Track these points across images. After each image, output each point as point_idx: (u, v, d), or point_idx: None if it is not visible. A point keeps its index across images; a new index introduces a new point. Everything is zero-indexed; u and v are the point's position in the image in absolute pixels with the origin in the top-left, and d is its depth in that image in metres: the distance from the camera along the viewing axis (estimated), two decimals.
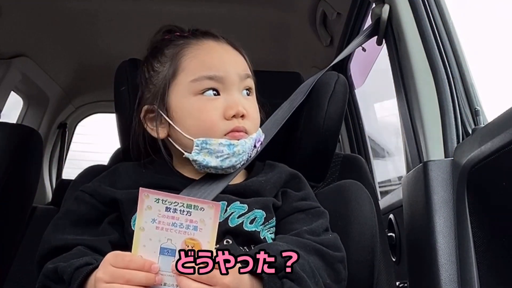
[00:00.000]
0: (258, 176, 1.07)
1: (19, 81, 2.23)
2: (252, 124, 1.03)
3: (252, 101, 1.07)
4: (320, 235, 0.98)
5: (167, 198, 0.77)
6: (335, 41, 2.03)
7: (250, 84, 1.07)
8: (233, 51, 1.09)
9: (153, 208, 0.77)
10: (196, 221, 0.77)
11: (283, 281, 0.83)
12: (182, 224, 0.77)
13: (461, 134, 1.06)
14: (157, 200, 0.77)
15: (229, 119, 1.00)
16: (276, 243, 0.91)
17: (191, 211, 0.77)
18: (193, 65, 1.03)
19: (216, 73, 1.01)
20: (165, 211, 0.77)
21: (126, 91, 1.19)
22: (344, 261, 0.98)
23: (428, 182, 1.01)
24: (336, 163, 1.39)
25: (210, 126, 0.99)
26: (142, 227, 0.77)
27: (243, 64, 1.08)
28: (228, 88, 1.02)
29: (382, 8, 1.25)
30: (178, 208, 0.77)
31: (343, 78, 1.25)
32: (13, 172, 1.52)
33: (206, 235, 0.78)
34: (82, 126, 3.00)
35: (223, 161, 0.98)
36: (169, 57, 1.06)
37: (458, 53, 1.15)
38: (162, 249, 0.78)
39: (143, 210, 0.77)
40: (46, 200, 2.61)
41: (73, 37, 2.21)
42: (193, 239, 0.77)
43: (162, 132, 1.04)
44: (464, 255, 0.95)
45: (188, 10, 1.97)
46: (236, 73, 1.03)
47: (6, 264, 1.59)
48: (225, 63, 1.04)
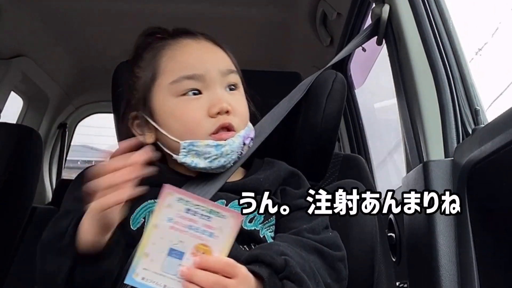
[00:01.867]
0: (256, 173, 1.06)
1: (19, 81, 2.23)
2: (239, 119, 1.01)
3: (238, 96, 1.05)
4: (320, 233, 0.98)
5: (190, 199, 0.75)
6: (335, 41, 2.03)
7: (235, 80, 1.05)
8: (213, 47, 1.07)
9: (173, 207, 0.75)
10: (214, 228, 0.76)
11: (284, 282, 0.83)
12: (198, 228, 0.76)
13: (461, 134, 1.06)
14: (179, 199, 0.75)
15: (214, 117, 0.98)
16: (277, 243, 0.91)
17: (211, 216, 0.76)
18: (171, 67, 1.01)
19: (195, 72, 0.99)
20: (184, 212, 0.75)
21: (123, 92, 1.19)
22: (344, 260, 0.98)
23: (428, 182, 1.01)
24: (336, 163, 1.39)
25: (195, 126, 0.97)
26: (157, 224, 0.76)
27: (224, 59, 1.06)
28: (210, 86, 1.00)
29: (382, 8, 1.25)
30: (199, 211, 0.76)
31: (341, 76, 1.25)
32: (13, 172, 1.52)
33: (220, 243, 0.76)
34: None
35: (212, 162, 0.97)
36: (148, 61, 1.05)
37: (458, 53, 1.15)
38: (170, 251, 0.76)
39: (163, 207, 0.75)
40: (46, 200, 2.62)
41: (73, 37, 2.21)
42: (205, 245, 0.76)
43: (150, 137, 1.03)
44: (464, 255, 0.95)
45: (188, 11, 1.97)
46: (217, 69, 1.01)
47: (6, 264, 1.59)
48: (204, 60, 1.02)
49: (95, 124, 3.50)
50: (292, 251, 0.88)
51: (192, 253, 0.76)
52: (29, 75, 2.25)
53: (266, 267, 0.83)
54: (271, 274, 0.83)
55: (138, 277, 0.77)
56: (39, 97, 2.47)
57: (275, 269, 0.83)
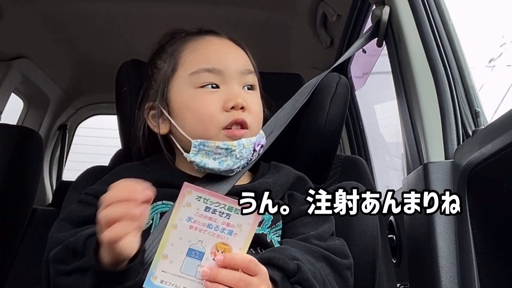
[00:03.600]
0: (264, 177, 1.06)
1: (19, 83, 2.23)
2: (253, 118, 1.01)
3: (255, 96, 1.05)
4: (327, 240, 0.98)
5: (209, 197, 0.74)
6: (335, 43, 2.03)
7: (252, 81, 1.06)
8: (234, 46, 1.09)
9: (192, 205, 0.74)
10: (233, 225, 0.75)
11: (295, 286, 0.83)
12: (218, 226, 0.74)
13: (462, 136, 1.06)
14: (198, 198, 0.74)
15: (229, 111, 0.98)
16: (288, 248, 0.90)
17: (230, 214, 0.74)
18: (192, 59, 1.03)
19: (215, 66, 1.01)
20: (204, 210, 0.74)
21: (127, 92, 1.19)
22: (351, 268, 0.97)
23: (429, 183, 1.01)
24: (336, 165, 1.39)
25: (208, 119, 0.98)
26: (176, 224, 0.74)
27: (244, 59, 1.07)
28: (228, 81, 1.01)
29: (382, 10, 1.25)
30: (218, 209, 0.75)
31: (344, 79, 1.25)
32: (13, 174, 1.52)
33: (239, 241, 0.75)
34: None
35: (221, 164, 0.97)
36: (169, 53, 1.07)
37: (458, 55, 1.15)
38: (190, 251, 0.75)
39: (181, 206, 0.74)
40: (46, 201, 2.61)
41: (73, 39, 2.21)
42: (225, 243, 0.75)
43: (164, 128, 1.04)
44: (464, 256, 0.95)
45: (187, 12, 1.97)
46: (236, 67, 1.03)
47: (6, 265, 1.59)
48: (224, 56, 1.04)
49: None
50: (303, 257, 0.88)
51: (211, 253, 0.75)
52: (30, 76, 2.25)
53: (279, 271, 0.83)
54: (283, 278, 0.83)
55: (157, 280, 0.75)
56: (40, 99, 2.47)
57: (287, 274, 0.83)
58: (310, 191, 0.90)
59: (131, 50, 1.47)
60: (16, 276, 1.58)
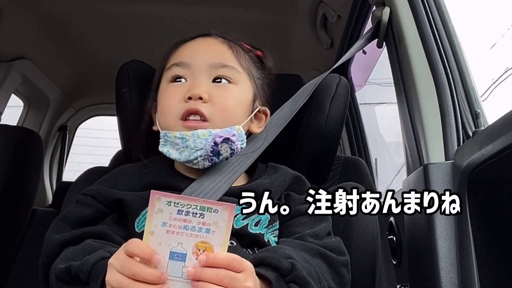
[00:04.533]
0: (261, 178, 1.06)
1: (19, 84, 2.23)
2: (215, 110, 1.00)
3: (226, 90, 1.04)
4: (323, 238, 0.98)
5: (179, 201, 0.75)
6: (335, 44, 2.03)
7: (226, 74, 1.05)
8: (217, 43, 1.10)
9: (164, 211, 0.74)
10: (209, 224, 0.75)
11: (290, 285, 0.82)
12: (194, 227, 0.75)
13: (462, 137, 1.06)
14: (168, 202, 0.74)
15: (186, 101, 1.00)
16: (282, 247, 0.90)
17: (204, 213, 0.75)
18: (171, 57, 1.09)
19: (183, 60, 1.05)
20: (176, 214, 0.74)
21: (127, 93, 1.19)
22: (348, 265, 0.97)
23: (429, 184, 1.01)
24: (336, 166, 1.39)
25: (168, 110, 1.03)
26: (152, 231, 0.75)
27: (222, 54, 1.07)
28: (194, 74, 1.04)
29: (383, 11, 1.25)
30: (191, 210, 0.75)
31: (344, 80, 1.25)
32: (13, 175, 1.52)
33: (219, 237, 0.75)
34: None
35: (181, 154, 0.99)
36: (165, 55, 1.12)
37: (458, 56, 1.15)
38: (172, 254, 0.75)
39: (154, 213, 0.74)
40: (46, 202, 2.61)
41: (74, 40, 2.21)
42: (205, 242, 0.75)
43: (156, 126, 1.08)
44: (464, 258, 0.95)
45: (187, 14, 1.97)
46: (205, 61, 1.05)
47: (7, 266, 1.59)
48: (196, 51, 1.07)
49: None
50: (298, 255, 0.88)
51: (193, 253, 0.75)
52: (30, 77, 2.25)
53: (273, 270, 0.83)
54: (278, 277, 0.82)
55: None
56: (40, 100, 2.47)
57: (282, 273, 0.83)
58: (310, 191, 0.90)
59: (131, 51, 1.47)
60: (16, 276, 1.58)
